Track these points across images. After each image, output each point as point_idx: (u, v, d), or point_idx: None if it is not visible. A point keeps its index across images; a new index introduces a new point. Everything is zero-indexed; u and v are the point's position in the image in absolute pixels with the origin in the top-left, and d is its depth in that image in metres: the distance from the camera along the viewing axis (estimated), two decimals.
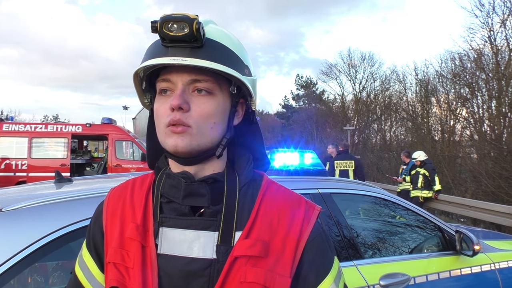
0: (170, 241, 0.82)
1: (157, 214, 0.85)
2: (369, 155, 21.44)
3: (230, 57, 0.82)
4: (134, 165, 11.48)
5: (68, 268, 1.73)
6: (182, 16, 0.76)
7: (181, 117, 0.78)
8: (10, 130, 11.19)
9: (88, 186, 2.07)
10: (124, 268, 0.83)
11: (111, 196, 0.94)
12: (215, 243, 0.80)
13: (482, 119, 13.81)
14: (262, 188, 0.89)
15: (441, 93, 17.52)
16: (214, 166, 0.86)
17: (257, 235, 0.81)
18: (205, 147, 0.82)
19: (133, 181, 0.95)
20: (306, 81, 39.76)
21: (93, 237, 0.92)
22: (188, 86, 0.80)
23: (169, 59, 0.77)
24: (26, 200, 1.60)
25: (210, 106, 0.81)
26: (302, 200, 0.89)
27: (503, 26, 13.00)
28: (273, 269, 0.79)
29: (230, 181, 0.86)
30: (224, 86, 0.83)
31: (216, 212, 0.83)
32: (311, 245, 0.83)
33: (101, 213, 0.92)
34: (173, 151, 0.80)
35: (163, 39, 0.78)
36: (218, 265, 0.79)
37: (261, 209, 0.85)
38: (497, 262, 2.75)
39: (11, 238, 1.43)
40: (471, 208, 8.76)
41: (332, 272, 0.85)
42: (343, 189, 2.57)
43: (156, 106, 0.83)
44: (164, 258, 0.81)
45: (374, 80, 25.91)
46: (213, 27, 0.84)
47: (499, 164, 11.15)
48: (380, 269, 2.28)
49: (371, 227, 2.99)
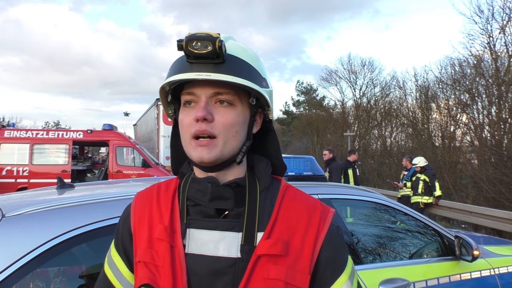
0: (197, 241, 0.88)
1: (184, 216, 0.91)
2: (369, 161, 21.43)
3: (249, 71, 0.89)
4: (135, 171, 11.47)
5: (70, 273, 1.74)
6: (206, 35, 0.82)
7: (207, 127, 0.85)
8: (11, 136, 11.20)
9: (89, 192, 2.09)
10: (154, 266, 0.88)
11: (138, 199, 1.00)
12: (239, 243, 0.86)
13: (482, 125, 13.81)
14: (280, 192, 0.95)
15: (441, 99, 17.56)
16: (235, 171, 0.93)
17: (278, 235, 0.87)
18: (228, 155, 0.88)
19: (158, 186, 1.01)
20: (307, 87, 39.86)
21: (122, 238, 0.97)
22: (211, 98, 0.87)
23: (194, 74, 0.84)
24: (28, 206, 1.61)
25: (232, 116, 0.87)
26: (318, 203, 0.96)
27: (502, 32, 13.06)
28: (293, 267, 0.85)
29: (251, 186, 0.93)
30: (243, 98, 0.90)
31: (239, 214, 0.89)
32: (327, 244, 0.89)
33: (129, 215, 0.98)
34: (199, 162, 0.87)
35: (188, 56, 0.84)
36: (242, 263, 0.85)
37: (281, 211, 0.91)
38: (496, 267, 2.75)
39: (13, 244, 1.44)
40: (471, 214, 8.75)
41: (347, 270, 0.91)
42: (342, 195, 2.58)
43: (181, 117, 0.90)
44: (192, 257, 0.87)
45: (374, 86, 25.99)
46: (233, 43, 0.91)
47: (499, 170, 11.13)
48: (379, 275, 2.28)
49: (371, 232, 3.00)
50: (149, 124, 16.99)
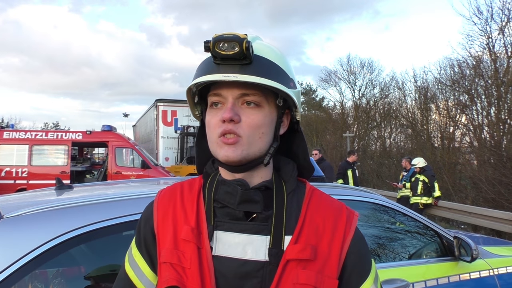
0: (225, 243, 0.87)
1: (211, 218, 0.89)
2: (369, 162, 21.44)
3: (277, 72, 0.87)
4: (134, 172, 11.46)
5: (68, 274, 1.74)
6: (233, 36, 0.82)
7: (233, 127, 0.84)
8: (10, 137, 11.19)
9: (88, 193, 2.09)
10: (181, 268, 0.87)
11: (160, 198, 0.98)
12: (267, 246, 0.86)
13: (481, 126, 13.83)
14: (306, 195, 0.95)
15: (441, 100, 17.57)
16: (262, 173, 0.92)
17: (306, 240, 0.87)
18: (254, 156, 0.87)
19: (181, 185, 1.00)
20: (306, 88, 39.84)
21: (144, 238, 0.96)
22: (238, 99, 0.86)
23: (221, 75, 0.83)
24: (27, 207, 1.61)
25: (259, 117, 0.86)
26: (343, 207, 0.95)
27: (502, 33, 13.07)
28: (322, 272, 0.85)
29: (278, 188, 0.92)
30: (270, 99, 0.89)
31: (267, 218, 0.88)
32: (353, 248, 0.89)
33: (152, 215, 0.96)
34: (225, 161, 0.86)
35: (215, 57, 0.84)
36: (270, 267, 0.84)
37: (308, 215, 0.91)
38: (496, 268, 2.75)
39: (12, 245, 1.44)
40: (471, 214, 8.76)
41: (372, 274, 0.92)
42: (341, 195, 2.58)
43: (208, 118, 0.89)
44: (219, 259, 0.86)
45: (373, 87, 25.96)
46: (260, 43, 0.90)
47: (498, 171, 11.14)
48: (379, 275, 2.28)
49: (370, 233, 3.00)
50: (148, 125, 16.99)
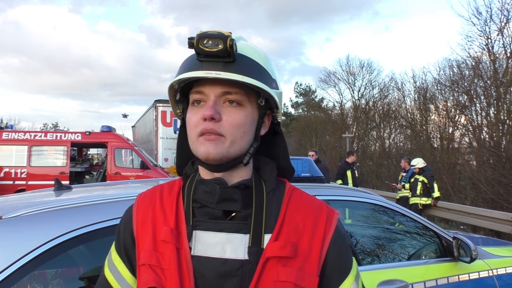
0: (204, 243, 0.86)
1: (190, 218, 0.89)
2: (368, 163, 21.45)
3: (260, 71, 0.88)
4: (133, 173, 11.45)
5: (67, 275, 1.73)
6: (217, 33, 0.81)
7: (214, 126, 0.83)
8: (9, 138, 11.19)
9: (87, 193, 2.09)
10: (160, 269, 0.86)
11: (140, 201, 0.98)
12: (246, 245, 0.85)
13: (480, 126, 13.84)
14: (286, 194, 0.95)
15: (440, 101, 17.59)
16: (242, 173, 0.91)
17: (286, 237, 0.87)
18: (235, 155, 0.87)
19: (161, 187, 0.99)
20: (305, 89, 39.92)
21: (124, 241, 0.95)
22: (220, 98, 0.85)
23: (204, 72, 0.82)
24: (25, 207, 1.61)
25: (240, 116, 0.86)
26: (324, 205, 0.96)
27: (501, 34, 13.10)
28: (302, 269, 0.85)
29: (257, 187, 0.92)
30: (253, 98, 0.89)
31: (246, 216, 0.88)
32: (334, 246, 0.89)
33: (131, 218, 0.96)
34: (205, 159, 0.85)
35: (199, 54, 0.83)
36: (250, 265, 0.84)
37: (288, 213, 0.91)
38: (495, 268, 2.75)
39: (10, 246, 1.44)
40: (470, 215, 8.76)
41: (353, 271, 0.92)
42: (340, 196, 2.58)
43: (188, 116, 0.89)
44: (198, 259, 0.86)
45: (372, 88, 26.05)
46: (244, 43, 0.90)
47: (498, 171, 11.16)
48: (378, 276, 2.28)
49: (369, 234, 3.00)
50: (148, 126, 16.97)
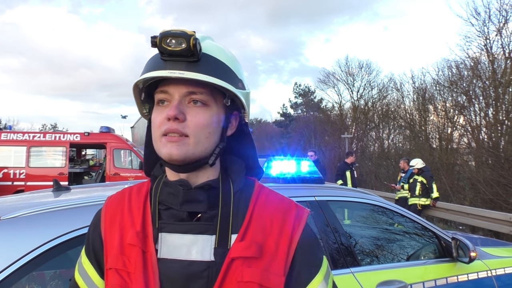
0: (170, 245, 0.86)
1: (156, 220, 0.88)
2: (367, 163, 21.46)
3: (225, 71, 0.86)
4: (132, 174, 11.46)
5: (66, 276, 1.73)
6: (180, 32, 0.80)
7: (178, 126, 0.82)
8: (8, 139, 11.18)
9: (86, 194, 2.08)
10: (126, 273, 0.86)
11: (108, 204, 0.97)
12: (212, 246, 0.85)
13: (479, 127, 13.86)
14: (254, 193, 0.94)
15: (439, 101, 17.61)
16: (208, 173, 0.90)
17: (252, 237, 0.86)
18: (199, 156, 0.86)
19: (130, 189, 0.98)
20: (304, 89, 39.94)
21: (93, 244, 0.95)
22: (185, 97, 0.84)
23: (167, 72, 0.81)
24: (24, 208, 1.61)
25: (205, 116, 0.85)
26: (293, 204, 0.94)
27: (499, 34, 13.13)
28: (268, 269, 0.84)
29: (224, 188, 0.91)
30: (218, 99, 0.88)
31: (212, 217, 0.87)
32: (302, 245, 0.88)
33: (99, 220, 0.95)
34: (168, 159, 0.84)
35: (162, 53, 0.82)
36: (216, 266, 0.83)
37: (255, 212, 0.90)
38: (494, 269, 2.76)
39: (9, 247, 1.44)
40: (469, 215, 8.76)
41: (322, 270, 0.91)
42: (339, 197, 2.59)
43: (153, 116, 0.88)
44: (164, 262, 0.85)
45: (371, 88, 26.07)
46: (210, 42, 0.89)
47: (496, 172, 11.17)
48: (377, 277, 2.28)
49: (368, 234, 3.00)
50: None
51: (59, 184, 2.26)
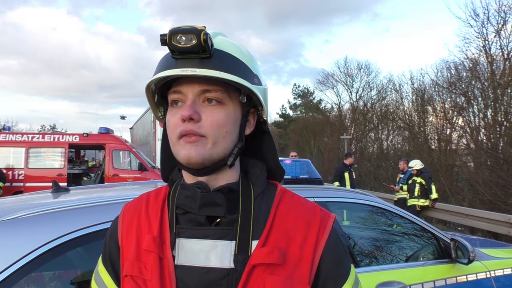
0: (187, 251, 0.82)
1: (173, 225, 0.85)
2: (366, 164, 21.47)
3: (239, 67, 0.83)
4: (131, 175, 11.46)
5: (65, 278, 1.73)
6: (190, 28, 0.77)
7: (193, 127, 0.79)
8: (7, 140, 11.17)
9: (85, 195, 2.08)
10: (142, 280, 0.82)
11: (126, 210, 0.95)
12: (232, 252, 0.80)
13: (478, 128, 13.87)
14: (276, 197, 0.89)
15: (437, 102, 17.63)
16: (227, 176, 0.86)
17: (274, 243, 0.81)
18: (218, 157, 0.82)
19: (148, 195, 0.96)
20: (303, 90, 39.92)
21: (109, 252, 0.92)
22: (199, 96, 0.81)
23: (178, 70, 0.78)
24: (23, 209, 1.60)
25: (221, 115, 0.81)
26: (317, 208, 0.90)
27: (498, 35, 13.13)
28: (292, 276, 0.79)
29: (245, 191, 0.87)
30: (234, 96, 0.84)
31: (232, 222, 0.83)
32: (328, 252, 0.83)
33: (117, 227, 0.93)
34: (186, 162, 0.81)
35: (173, 51, 0.79)
36: (236, 274, 0.79)
37: (277, 217, 0.85)
38: (492, 270, 2.76)
39: (8, 248, 1.44)
40: (468, 216, 8.76)
41: (350, 279, 0.86)
42: (338, 198, 2.59)
43: (168, 117, 0.85)
44: (182, 269, 0.81)
45: (370, 89, 26.08)
46: (222, 38, 0.86)
47: (495, 173, 11.18)
48: (376, 278, 2.29)
49: (367, 235, 3.00)
50: (146, 128, 16.98)
51: (58, 185, 2.26)
